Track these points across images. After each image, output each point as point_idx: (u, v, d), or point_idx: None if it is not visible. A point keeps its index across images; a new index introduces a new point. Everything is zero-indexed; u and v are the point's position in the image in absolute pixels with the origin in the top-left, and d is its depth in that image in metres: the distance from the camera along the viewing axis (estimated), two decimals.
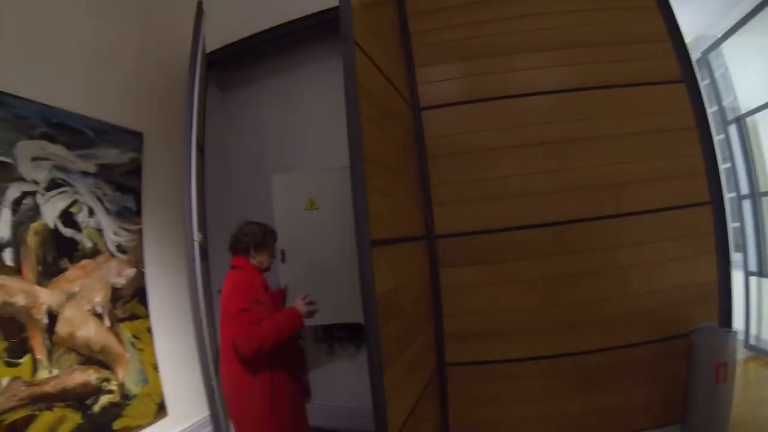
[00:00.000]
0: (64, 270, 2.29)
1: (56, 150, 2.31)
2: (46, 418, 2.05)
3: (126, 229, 2.72)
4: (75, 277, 2.36)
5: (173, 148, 3.05)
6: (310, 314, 2.07)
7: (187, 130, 2.59)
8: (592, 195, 2.50)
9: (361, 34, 1.79)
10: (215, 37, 3.25)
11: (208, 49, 3.23)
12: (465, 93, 2.64)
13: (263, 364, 1.95)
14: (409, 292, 2.10)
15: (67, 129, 2.38)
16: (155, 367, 2.74)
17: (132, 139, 2.81)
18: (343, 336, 3.24)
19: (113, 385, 2.43)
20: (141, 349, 2.67)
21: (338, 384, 3.22)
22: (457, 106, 2.64)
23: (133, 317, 2.66)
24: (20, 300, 2.04)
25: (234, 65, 3.58)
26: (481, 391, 2.55)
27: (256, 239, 2.14)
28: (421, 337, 2.25)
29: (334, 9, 1.78)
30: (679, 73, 2.53)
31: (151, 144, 2.93)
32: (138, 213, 2.82)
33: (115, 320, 2.55)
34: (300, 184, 3.03)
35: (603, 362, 2.48)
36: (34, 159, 2.20)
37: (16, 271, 2.05)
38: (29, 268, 2.12)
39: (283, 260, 2.98)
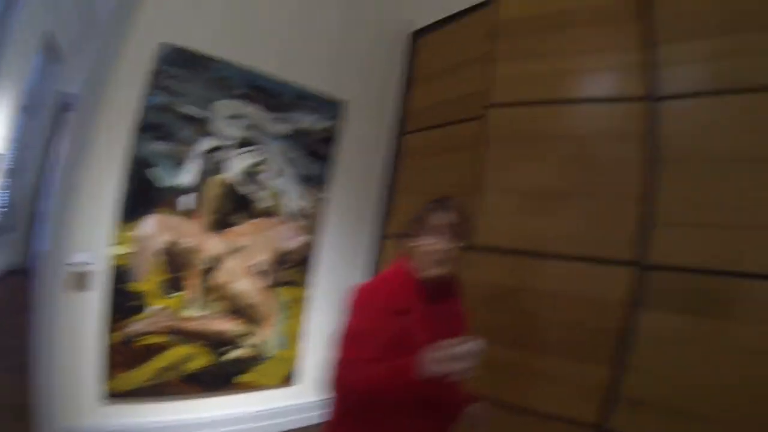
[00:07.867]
0: (236, 224, 2.44)
1: (252, 111, 2.46)
2: (180, 350, 2.26)
3: (308, 196, 2.72)
4: (245, 232, 2.48)
5: (372, 120, 3.08)
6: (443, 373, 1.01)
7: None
8: None
9: None
10: None
11: None
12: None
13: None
14: None
15: (266, 92, 2.49)
16: (297, 337, 2.74)
17: (331, 107, 2.81)
18: None
19: (251, 342, 2.52)
20: (290, 317, 2.69)
21: None
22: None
23: (292, 283, 2.68)
24: (189, 241, 2.27)
25: None
26: None
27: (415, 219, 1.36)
28: None
29: None
30: None
31: (350, 114, 2.95)
32: (324, 182, 2.82)
33: (275, 282, 2.61)
34: None
35: None
36: (231, 117, 2.37)
37: (193, 215, 2.27)
38: (205, 215, 2.32)
39: None
